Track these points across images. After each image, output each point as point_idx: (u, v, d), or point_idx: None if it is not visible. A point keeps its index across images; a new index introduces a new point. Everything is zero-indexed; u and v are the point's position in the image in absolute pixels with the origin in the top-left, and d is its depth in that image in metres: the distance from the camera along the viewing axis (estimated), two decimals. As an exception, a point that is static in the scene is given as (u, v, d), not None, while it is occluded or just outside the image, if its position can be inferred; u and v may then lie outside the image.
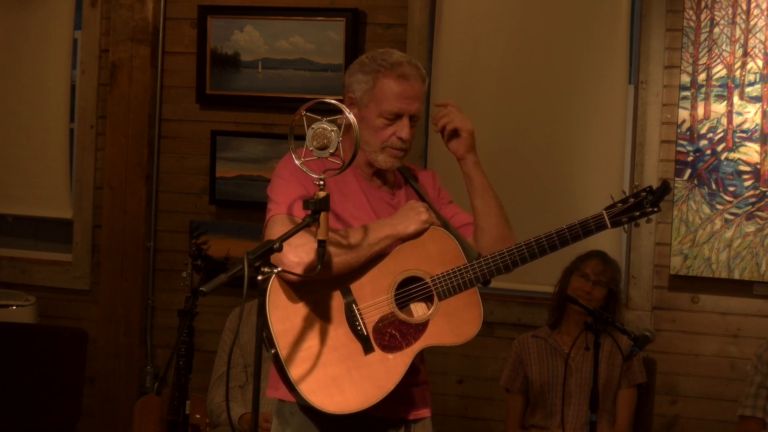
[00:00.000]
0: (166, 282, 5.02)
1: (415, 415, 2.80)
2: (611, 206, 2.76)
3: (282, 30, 4.84)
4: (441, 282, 2.68)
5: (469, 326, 2.70)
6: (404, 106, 2.71)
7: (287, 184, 2.71)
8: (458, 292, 2.69)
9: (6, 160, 5.24)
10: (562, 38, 4.55)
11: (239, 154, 4.90)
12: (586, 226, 2.75)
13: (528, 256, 2.73)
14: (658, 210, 2.75)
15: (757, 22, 4.33)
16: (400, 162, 2.79)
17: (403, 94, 2.71)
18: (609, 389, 3.99)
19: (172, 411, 4.07)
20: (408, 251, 2.70)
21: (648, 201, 2.73)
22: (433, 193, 2.93)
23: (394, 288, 2.68)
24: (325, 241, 2.51)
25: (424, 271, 2.69)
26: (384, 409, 2.68)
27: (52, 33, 5.13)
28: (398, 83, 2.70)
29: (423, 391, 2.84)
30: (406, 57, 2.76)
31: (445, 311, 2.69)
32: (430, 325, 2.68)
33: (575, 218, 2.80)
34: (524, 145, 4.59)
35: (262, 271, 2.42)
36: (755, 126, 4.34)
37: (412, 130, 2.77)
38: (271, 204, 2.71)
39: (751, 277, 4.36)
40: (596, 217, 2.75)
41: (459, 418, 4.72)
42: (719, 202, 4.37)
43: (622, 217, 2.74)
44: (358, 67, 2.75)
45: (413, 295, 2.70)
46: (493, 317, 4.61)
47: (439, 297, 2.68)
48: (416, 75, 2.73)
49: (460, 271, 2.69)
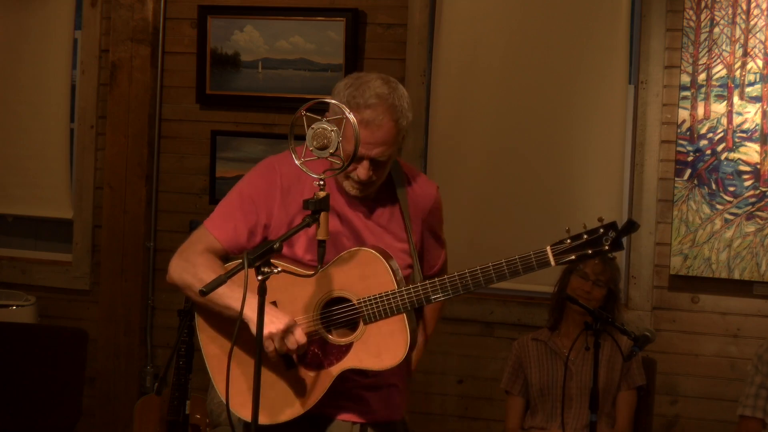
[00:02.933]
0: (166, 282, 4.99)
1: (370, 418, 2.75)
2: (559, 242, 2.53)
3: (282, 30, 4.84)
4: (368, 305, 2.62)
5: (391, 353, 2.61)
6: (364, 151, 2.57)
7: (235, 206, 2.72)
8: (384, 317, 2.61)
9: (6, 160, 5.24)
10: (562, 38, 4.55)
11: (239, 154, 4.91)
12: (526, 262, 2.56)
13: (461, 287, 2.60)
14: (618, 249, 2.52)
15: (757, 22, 4.33)
16: (363, 193, 2.68)
17: (365, 139, 2.56)
18: (609, 392, 3.99)
19: (172, 411, 4.06)
20: (338, 271, 2.64)
21: (608, 238, 2.51)
22: (418, 212, 2.79)
23: (321, 307, 2.66)
24: (324, 241, 2.51)
25: (353, 292, 2.64)
26: (333, 409, 2.70)
27: (52, 33, 5.13)
28: (360, 129, 2.53)
29: (385, 395, 2.78)
30: (382, 93, 2.58)
31: (370, 335, 2.63)
32: (353, 347, 2.64)
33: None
34: (524, 145, 4.59)
35: (262, 271, 2.43)
36: (755, 126, 4.34)
37: (378, 171, 2.63)
38: (216, 209, 2.77)
39: (751, 277, 4.36)
40: (538, 253, 2.56)
41: (459, 418, 4.72)
42: (719, 202, 4.37)
43: (570, 254, 2.52)
44: (336, 93, 2.63)
45: (340, 315, 2.66)
46: (493, 317, 4.62)
47: (365, 320, 2.63)
48: (384, 120, 2.57)
49: (388, 296, 2.60)
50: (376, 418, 2.76)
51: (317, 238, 2.51)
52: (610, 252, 2.53)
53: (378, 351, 2.62)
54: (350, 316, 2.64)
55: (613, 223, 2.54)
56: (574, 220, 4.49)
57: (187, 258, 2.75)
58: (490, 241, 4.57)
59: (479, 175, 4.61)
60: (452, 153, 4.64)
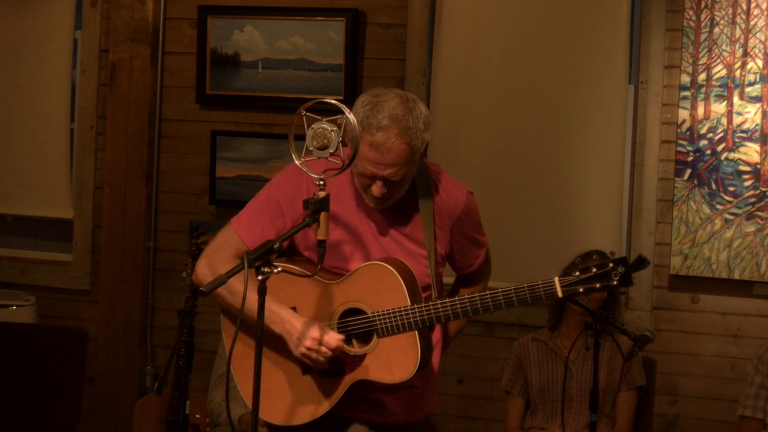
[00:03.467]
0: (166, 282, 5.02)
1: (389, 420, 2.79)
2: (568, 273, 2.58)
3: (282, 30, 4.84)
4: (382, 319, 2.65)
5: (401, 368, 2.65)
6: (375, 171, 2.62)
7: (261, 209, 2.76)
8: (397, 332, 2.65)
9: (6, 160, 5.24)
10: (562, 38, 4.55)
11: (239, 154, 4.91)
12: (534, 291, 2.60)
13: (470, 311, 2.66)
14: (627, 285, 2.56)
15: (757, 22, 4.33)
16: (381, 206, 2.71)
17: (374, 160, 2.60)
18: (609, 393, 3.99)
19: (172, 411, 4.06)
20: (356, 283, 2.68)
21: (617, 273, 2.55)
22: (445, 219, 2.81)
23: (338, 316, 2.70)
24: (325, 241, 2.52)
25: (368, 305, 2.68)
26: (351, 412, 2.74)
27: (52, 33, 5.13)
28: (370, 150, 2.59)
29: (405, 397, 2.80)
30: (396, 115, 2.60)
31: (383, 348, 2.67)
32: (366, 359, 2.68)
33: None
34: (524, 145, 4.59)
35: (262, 271, 2.43)
36: (755, 126, 4.34)
37: (394, 189, 2.66)
38: (244, 209, 2.80)
39: (751, 277, 4.36)
40: (547, 284, 2.60)
41: (459, 418, 4.72)
42: (719, 202, 4.37)
43: (578, 287, 2.56)
44: (355, 108, 2.65)
45: (355, 326, 2.69)
46: (493, 317, 4.61)
47: (378, 333, 2.67)
48: (395, 143, 2.59)
49: (401, 312, 2.64)
50: (396, 420, 2.79)
51: (317, 238, 2.51)
52: (618, 288, 2.58)
53: (389, 364, 2.66)
54: (365, 328, 2.68)
55: (623, 258, 2.60)
56: (575, 220, 4.52)
57: (215, 265, 2.76)
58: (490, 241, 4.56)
59: (479, 175, 4.61)
60: (452, 153, 4.64)
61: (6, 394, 4.47)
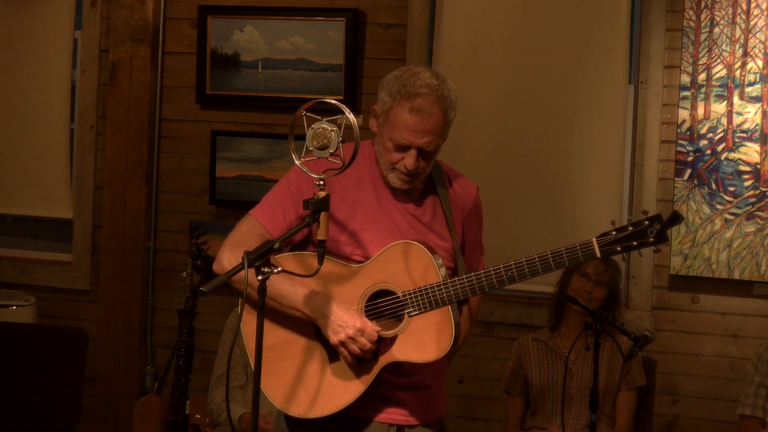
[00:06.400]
0: (166, 282, 5.02)
1: (407, 419, 2.75)
2: (605, 234, 2.57)
3: (282, 30, 4.84)
4: (413, 298, 2.63)
5: (435, 346, 2.62)
6: (413, 139, 2.62)
7: (283, 195, 2.73)
8: (429, 309, 2.62)
9: (6, 160, 5.24)
10: (562, 38, 4.55)
11: (239, 154, 4.91)
12: (572, 254, 2.58)
13: (506, 279, 2.62)
14: (663, 241, 2.54)
15: (757, 22, 4.34)
16: (409, 185, 2.70)
17: (412, 127, 2.61)
18: (609, 393, 3.99)
19: (172, 411, 4.06)
20: (382, 263, 2.66)
21: (653, 230, 2.54)
22: (459, 212, 2.81)
23: (366, 299, 2.67)
24: (324, 241, 2.51)
25: (397, 285, 2.65)
26: (369, 411, 2.71)
27: (52, 33, 5.13)
28: (410, 116, 2.61)
29: (422, 397, 2.78)
30: (432, 84, 2.64)
31: (415, 328, 2.63)
32: (398, 340, 2.64)
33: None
34: (524, 145, 4.59)
35: (262, 271, 2.43)
36: (755, 126, 4.34)
37: (425, 162, 2.67)
38: (264, 199, 2.77)
39: (751, 277, 4.36)
40: (584, 245, 2.58)
41: (459, 418, 4.72)
42: (719, 202, 4.38)
43: (615, 246, 2.55)
44: (386, 83, 2.67)
45: (384, 308, 2.66)
46: (493, 317, 4.62)
47: (409, 313, 2.64)
48: (433, 109, 2.62)
49: (433, 289, 2.62)
50: (413, 420, 2.76)
51: (317, 239, 2.51)
52: (656, 244, 2.55)
53: (422, 344, 2.62)
54: (395, 309, 2.65)
55: (658, 215, 2.57)
56: (575, 220, 4.52)
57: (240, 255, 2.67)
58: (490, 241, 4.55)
59: (479, 175, 4.59)
60: (452, 153, 4.63)
61: (6, 394, 4.47)
